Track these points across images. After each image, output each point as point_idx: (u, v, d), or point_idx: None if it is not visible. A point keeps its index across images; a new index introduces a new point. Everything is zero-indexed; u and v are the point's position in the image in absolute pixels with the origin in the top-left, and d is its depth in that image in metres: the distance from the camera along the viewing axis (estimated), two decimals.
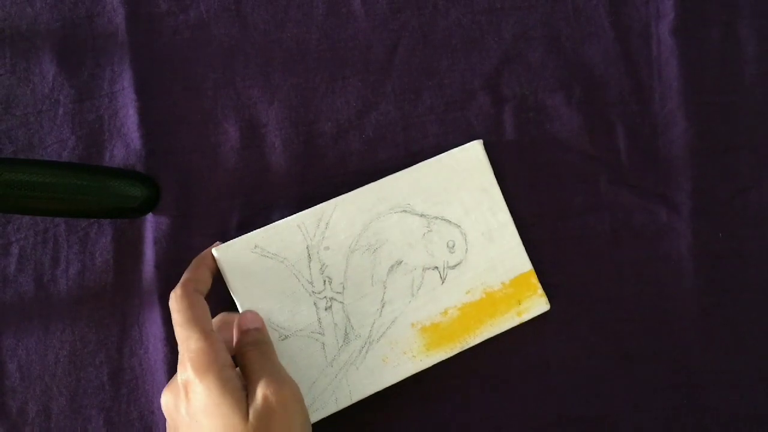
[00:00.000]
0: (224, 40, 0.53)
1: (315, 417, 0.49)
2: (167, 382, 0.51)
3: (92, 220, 0.52)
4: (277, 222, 0.50)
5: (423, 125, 0.54)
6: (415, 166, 0.52)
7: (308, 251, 0.50)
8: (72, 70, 0.52)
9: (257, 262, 0.49)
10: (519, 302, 0.52)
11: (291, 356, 0.49)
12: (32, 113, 0.52)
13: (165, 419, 0.51)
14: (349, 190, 0.52)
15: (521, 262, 0.52)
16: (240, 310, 0.49)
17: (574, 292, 0.54)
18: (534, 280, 0.52)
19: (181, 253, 0.52)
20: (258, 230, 0.50)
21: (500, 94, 0.54)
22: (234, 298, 0.49)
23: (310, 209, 0.50)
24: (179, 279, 0.51)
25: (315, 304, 0.50)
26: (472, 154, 0.52)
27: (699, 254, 0.54)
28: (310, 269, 0.50)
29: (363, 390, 0.50)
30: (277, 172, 0.53)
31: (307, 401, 0.49)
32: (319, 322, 0.50)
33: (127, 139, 0.52)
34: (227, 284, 0.49)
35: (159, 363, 0.52)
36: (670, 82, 0.55)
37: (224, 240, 0.51)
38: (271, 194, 0.53)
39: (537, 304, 0.52)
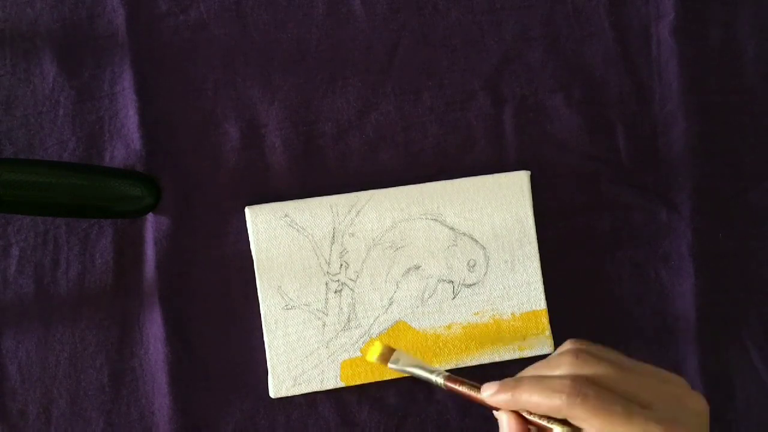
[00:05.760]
0: (224, 40, 0.53)
1: (296, 391, 0.51)
2: (168, 383, 0.51)
3: (92, 221, 0.52)
4: (311, 198, 0.52)
5: (423, 125, 0.54)
6: (457, 179, 0.53)
7: (333, 233, 0.51)
8: (72, 70, 0.52)
9: (283, 229, 0.51)
10: (524, 337, 0.52)
11: (291, 327, 0.51)
12: (32, 114, 0.52)
13: (165, 419, 0.51)
14: (350, 191, 0.52)
15: (537, 299, 0.52)
16: (256, 270, 0.51)
17: (574, 291, 0.54)
18: (545, 319, 0.52)
19: (181, 253, 0.52)
20: (291, 201, 0.52)
21: (500, 95, 0.54)
22: (253, 257, 0.51)
23: (345, 194, 0.52)
24: (180, 279, 0.52)
25: (326, 284, 0.51)
26: (516, 183, 0.53)
27: (699, 254, 0.54)
28: (331, 250, 0.51)
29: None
30: (277, 173, 0.53)
31: (294, 373, 0.51)
32: (326, 302, 0.51)
33: (127, 140, 0.52)
34: (251, 243, 0.51)
35: (159, 364, 0.51)
36: (670, 82, 0.55)
37: (221, 241, 0.52)
38: (271, 194, 0.53)
39: (542, 344, 0.52)
